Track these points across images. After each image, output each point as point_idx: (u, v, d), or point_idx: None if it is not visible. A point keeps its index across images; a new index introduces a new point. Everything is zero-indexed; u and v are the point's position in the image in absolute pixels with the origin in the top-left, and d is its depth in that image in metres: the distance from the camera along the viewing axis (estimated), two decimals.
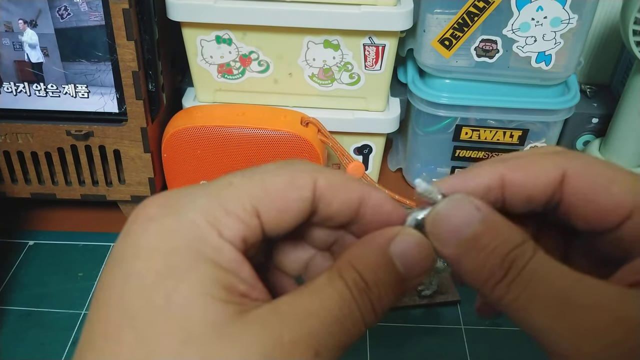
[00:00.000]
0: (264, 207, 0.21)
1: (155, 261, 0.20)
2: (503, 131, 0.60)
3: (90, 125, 0.51)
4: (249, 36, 0.54)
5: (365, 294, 0.21)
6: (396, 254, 0.22)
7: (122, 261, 0.20)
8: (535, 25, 0.54)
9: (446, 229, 0.22)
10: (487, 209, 0.22)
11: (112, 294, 0.20)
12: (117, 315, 0.19)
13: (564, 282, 0.21)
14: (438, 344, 0.47)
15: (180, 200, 0.21)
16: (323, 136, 0.55)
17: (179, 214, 0.20)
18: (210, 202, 0.21)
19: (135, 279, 0.20)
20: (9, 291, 0.50)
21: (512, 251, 0.21)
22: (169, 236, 0.20)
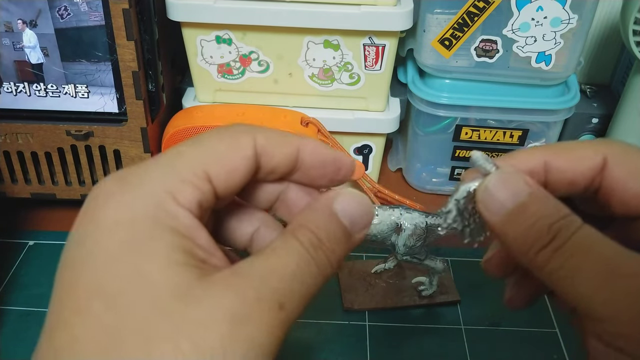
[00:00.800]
0: (214, 171, 0.22)
1: (118, 233, 0.20)
2: (503, 131, 0.60)
3: (90, 125, 0.51)
4: (249, 36, 0.54)
5: (319, 249, 0.22)
6: (340, 210, 0.24)
7: (85, 238, 0.21)
8: (535, 25, 0.54)
9: (496, 198, 0.24)
10: (535, 184, 0.24)
11: (77, 270, 0.20)
12: (85, 288, 0.20)
13: (610, 252, 0.22)
14: (438, 344, 0.47)
15: (136, 174, 0.22)
16: (323, 136, 0.55)
17: (136, 186, 0.21)
18: (165, 173, 0.22)
19: (101, 252, 0.20)
20: (9, 291, 0.50)
21: (559, 220, 0.23)
22: (128, 208, 0.21)
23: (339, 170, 0.27)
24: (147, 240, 0.20)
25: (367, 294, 0.50)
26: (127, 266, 0.20)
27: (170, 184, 0.21)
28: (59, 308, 0.20)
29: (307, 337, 0.47)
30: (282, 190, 0.27)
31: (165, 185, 0.21)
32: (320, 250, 0.23)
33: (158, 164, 0.22)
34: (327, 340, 0.47)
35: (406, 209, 0.34)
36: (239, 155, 0.23)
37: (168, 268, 0.20)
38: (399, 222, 0.33)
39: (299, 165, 0.26)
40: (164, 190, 0.21)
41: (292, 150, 0.25)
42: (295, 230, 0.23)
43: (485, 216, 0.25)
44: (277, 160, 0.25)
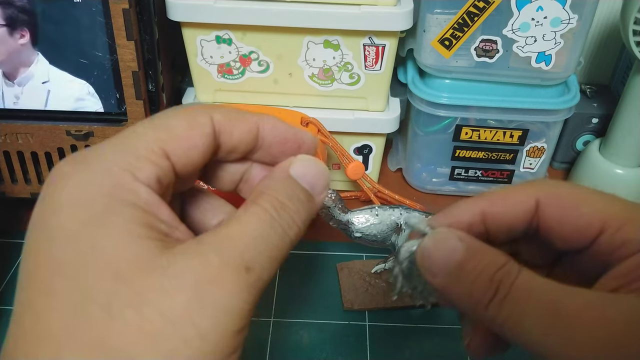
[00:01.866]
0: (171, 147, 0.22)
1: (76, 212, 0.20)
2: (503, 131, 0.60)
3: (90, 125, 0.51)
4: (249, 36, 0.54)
5: (283, 211, 0.23)
6: (297, 175, 0.25)
7: (44, 221, 0.21)
8: (535, 25, 0.54)
9: (434, 261, 0.25)
10: (469, 238, 0.25)
11: (38, 252, 0.20)
12: (47, 269, 0.20)
13: (551, 293, 0.22)
14: (438, 344, 0.47)
15: (91, 155, 0.22)
16: (323, 136, 0.55)
17: (92, 165, 0.21)
18: (121, 151, 0.22)
19: (59, 232, 0.20)
20: (9, 291, 0.50)
21: (498, 271, 0.23)
22: (86, 187, 0.21)
23: (299, 146, 0.27)
24: (105, 216, 0.20)
25: (367, 294, 0.50)
26: (86, 242, 0.20)
27: (127, 160, 0.21)
28: (24, 293, 0.21)
29: (307, 337, 0.47)
30: (246, 170, 0.27)
31: (122, 163, 0.21)
32: (284, 212, 0.23)
33: (113, 144, 0.22)
34: (327, 340, 0.47)
35: (406, 209, 0.34)
36: (197, 133, 0.23)
37: (129, 241, 0.20)
38: (399, 222, 0.33)
39: (260, 142, 0.26)
40: (121, 167, 0.21)
41: (251, 126, 0.25)
42: (257, 197, 0.23)
43: (428, 279, 0.25)
44: (237, 138, 0.25)
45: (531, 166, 0.63)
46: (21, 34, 0.48)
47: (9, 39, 0.48)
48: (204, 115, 0.24)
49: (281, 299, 0.50)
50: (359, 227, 0.33)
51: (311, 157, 0.26)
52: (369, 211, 0.34)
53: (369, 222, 0.33)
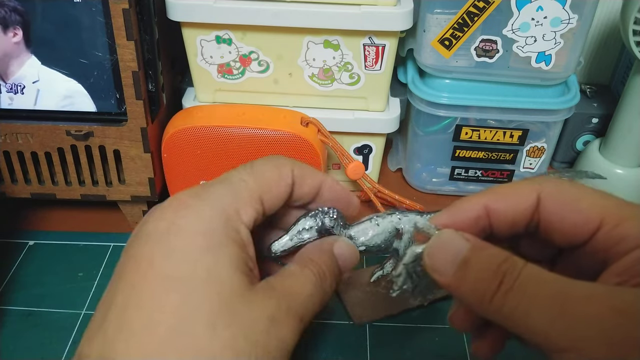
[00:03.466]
0: (265, 195, 0.29)
1: (197, 239, 0.25)
2: (503, 131, 0.60)
3: (90, 125, 0.51)
4: (249, 36, 0.54)
5: (324, 280, 0.29)
6: (338, 254, 0.32)
7: (161, 238, 0.25)
8: (535, 25, 0.54)
9: (441, 260, 0.26)
10: (473, 238, 0.26)
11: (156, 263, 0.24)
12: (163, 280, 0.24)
13: (557, 285, 0.23)
14: (438, 344, 0.47)
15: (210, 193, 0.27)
16: (323, 136, 0.55)
17: (212, 204, 0.26)
18: (231, 195, 0.27)
19: (180, 253, 0.25)
20: (9, 291, 0.50)
21: (502, 264, 0.24)
22: (206, 220, 0.26)
23: (347, 207, 0.34)
24: (219, 249, 0.25)
25: (372, 304, 0.49)
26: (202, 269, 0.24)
27: (238, 204, 0.27)
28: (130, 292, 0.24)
29: (307, 337, 0.47)
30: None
31: (233, 205, 0.27)
32: (325, 281, 0.29)
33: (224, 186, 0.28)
34: (327, 340, 0.47)
35: (402, 213, 0.35)
36: (283, 184, 0.30)
37: (232, 272, 0.25)
38: (399, 227, 0.34)
39: (319, 197, 0.32)
40: (233, 208, 0.27)
41: (318, 183, 0.32)
42: (308, 263, 0.30)
43: (436, 279, 0.27)
44: (306, 190, 0.31)
45: (531, 166, 0.63)
46: (14, 33, 0.48)
47: (2, 37, 0.48)
48: (288, 168, 0.30)
49: None
50: (363, 241, 0.34)
51: (349, 243, 0.33)
52: (368, 222, 0.34)
53: (370, 234, 0.34)
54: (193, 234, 0.25)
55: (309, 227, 0.33)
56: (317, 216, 0.33)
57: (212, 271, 0.24)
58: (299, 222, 0.33)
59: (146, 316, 0.23)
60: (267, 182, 0.29)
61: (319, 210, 0.33)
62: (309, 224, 0.33)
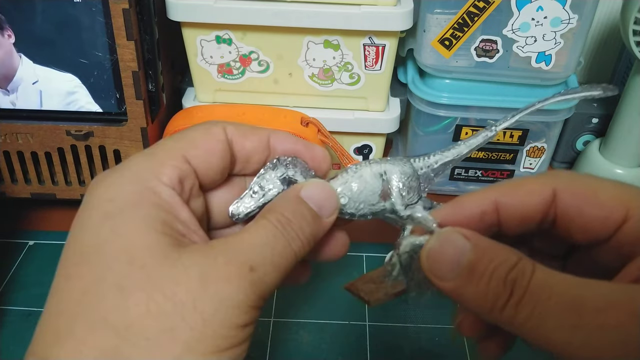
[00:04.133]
0: (190, 153, 0.26)
1: (101, 206, 0.23)
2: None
3: (90, 125, 0.51)
4: (249, 36, 0.54)
5: (287, 226, 0.25)
6: (306, 196, 0.27)
7: (77, 216, 0.24)
8: (535, 25, 0.54)
9: (442, 264, 0.24)
10: (476, 235, 0.24)
11: (68, 243, 0.23)
12: (71, 255, 0.23)
13: (572, 291, 0.21)
14: (438, 344, 0.47)
15: (124, 163, 0.25)
16: (323, 136, 0.55)
17: (123, 171, 0.24)
18: (148, 159, 0.25)
19: (85, 222, 0.23)
20: (9, 291, 0.50)
21: (511, 270, 0.22)
22: (114, 186, 0.24)
23: (312, 158, 0.29)
24: (127, 210, 0.23)
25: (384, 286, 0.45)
26: (107, 230, 0.22)
27: (153, 165, 0.24)
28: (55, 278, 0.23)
29: (307, 337, 0.47)
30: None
31: (149, 167, 0.24)
32: (289, 227, 0.25)
33: (142, 154, 0.25)
34: (327, 340, 0.47)
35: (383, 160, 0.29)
36: (212, 140, 0.27)
37: (146, 232, 0.22)
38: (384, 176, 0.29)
39: (272, 153, 0.29)
40: (147, 170, 0.24)
41: (262, 137, 0.28)
42: (265, 213, 0.25)
43: (437, 284, 0.24)
44: (249, 146, 0.28)
45: (531, 166, 0.63)
46: (8, 35, 0.48)
47: (1, 39, 0.48)
48: (218, 126, 0.27)
49: (281, 299, 0.50)
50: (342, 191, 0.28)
51: (321, 181, 0.28)
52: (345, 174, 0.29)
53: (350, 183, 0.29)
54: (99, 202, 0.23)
55: (271, 179, 0.28)
56: (277, 167, 0.28)
57: (116, 231, 0.22)
58: (257, 176, 0.29)
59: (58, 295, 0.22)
60: (192, 140, 0.26)
61: (276, 160, 0.29)
62: (269, 175, 0.28)
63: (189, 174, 0.25)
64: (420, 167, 0.31)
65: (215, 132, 0.27)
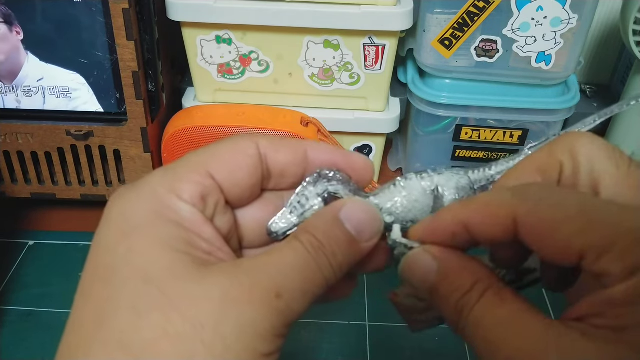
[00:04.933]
0: (214, 168, 0.24)
1: (118, 224, 0.22)
2: (503, 131, 0.60)
3: (90, 125, 0.51)
4: (249, 36, 0.54)
5: (320, 250, 0.23)
6: (345, 217, 0.24)
7: (95, 237, 0.22)
8: (535, 25, 0.54)
9: (414, 281, 0.25)
10: (445, 254, 0.24)
11: (87, 262, 0.22)
12: (88, 274, 0.22)
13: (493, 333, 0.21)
14: (438, 344, 0.47)
15: (143, 180, 0.23)
16: (323, 136, 0.55)
17: (141, 187, 0.23)
18: (167, 174, 0.23)
19: (102, 241, 0.22)
20: (9, 291, 0.50)
21: (460, 299, 0.23)
22: (130, 203, 0.23)
23: (353, 170, 0.26)
24: (145, 229, 0.21)
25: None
26: (123, 249, 0.21)
27: (172, 182, 0.23)
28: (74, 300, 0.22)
29: (307, 337, 0.47)
30: None
31: (167, 184, 0.23)
32: (321, 252, 0.23)
33: (162, 169, 0.24)
34: (327, 340, 0.47)
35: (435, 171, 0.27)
36: (241, 154, 0.25)
37: (163, 251, 0.21)
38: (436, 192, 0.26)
39: (310, 167, 0.26)
40: (166, 188, 0.23)
41: (297, 149, 0.26)
42: (299, 234, 0.24)
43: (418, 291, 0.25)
44: (283, 160, 0.26)
45: None
46: (16, 31, 0.48)
47: (9, 36, 0.48)
48: (248, 140, 0.25)
49: None
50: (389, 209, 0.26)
51: (363, 201, 0.26)
52: (393, 187, 0.26)
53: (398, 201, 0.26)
54: (116, 220, 0.22)
55: (311, 195, 0.26)
56: (318, 182, 0.26)
57: (131, 249, 0.21)
58: (297, 191, 0.26)
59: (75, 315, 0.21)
60: (216, 154, 0.24)
61: (317, 174, 0.26)
62: (310, 191, 0.26)
63: (212, 190, 0.24)
64: (479, 179, 0.29)
65: (244, 146, 0.25)
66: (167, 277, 0.20)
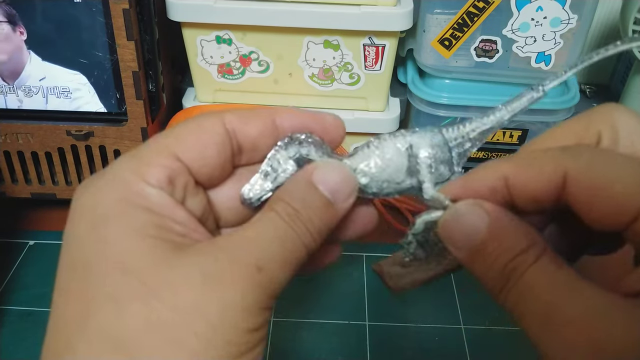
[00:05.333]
0: (180, 149, 0.23)
1: (86, 215, 0.21)
2: (503, 131, 0.60)
3: (90, 125, 0.51)
4: (249, 36, 0.54)
5: (296, 218, 0.22)
6: (318, 180, 0.24)
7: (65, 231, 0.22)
8: (535, 26, 0.54)
9: (458, 235, 0.23)
10: (495, 212, 0.23)
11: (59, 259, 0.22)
12: (63, 271, 0.21)
13: (551, 295, 0.20)
14: (438, 344, 0.47)
15: (108, 167, 0.23)
16: None
17: (107, 175, 0.22)
18: (132, 160, 0.23)
19: (72, 236, 0.21)
20: (9, 291, 0.50)
21: (513, 259, 0.21)
22: (98, 193, 0.22)
23: (325, 131, 0.26)
24: (115, 218, 0.21)
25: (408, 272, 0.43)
26: (95, 241, 0.21)
27: (138, 167, 0.22)
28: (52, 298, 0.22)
29: (307, 337, 0.47)
30: None
31: (133, 169, 0.22)
32: (297, 219, 0.22)
33: (127, 155, 0.23)
34: (327, 340, 0.47)
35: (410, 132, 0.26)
36: (207, 133, 0.24)
37: (138, 239, 0.20)
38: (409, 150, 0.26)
39: (281, 134, 0.25)
40: (132, 173, 0.22)
41: (266, 119, 0.25)
42: (272, 202, 0.23)
43: (452, 251, 0.24)
44: (254, 132, 0.25)
45: None
46: (19, 31, 0.48)
47: (13, 36, 0.48)
48: (213, 117, 0.24)
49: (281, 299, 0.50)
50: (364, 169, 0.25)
51: (336, 161, 0.25)
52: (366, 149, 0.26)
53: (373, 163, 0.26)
54: (83, 212, 0.21)
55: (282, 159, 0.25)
56: (289, 146, 0.25)
57: (108, 242, 0.20)
58: (268, 156, 0.25)
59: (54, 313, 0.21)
60: (180, 135, 0.23)
61: (289, 137, 0.25)
62: (281, 154, 0.25)
63: (180, 171, 0.23)
64: (454, 137, 0.28)
65: (209, 124, 0.24)
66: (144, 265, 0.20)
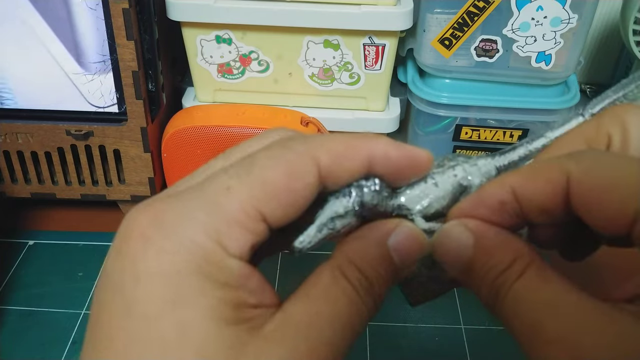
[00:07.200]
0: (268, 208, 0.20)
1: (157, 288, 0.18)
2: (503, 131, 0.60)
3: (90, 125, 0.51)
4: (249, 36, 0.54)
5: (369, 293, 0.21)
6: (393, 246, 0.22)
7: (122, 286, 0.19)
8: (535, 25, 0.54)
9: (447, 256, 0.23)
10: (481, 228, 0.22)
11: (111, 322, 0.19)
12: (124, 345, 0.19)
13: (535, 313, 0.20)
14: (438, 344, 0.47)
15: (175, 216, 0.19)
16: None
17: (177, 233, 0.19)
18: (210, 215, 0.19)
19: (139, 308, 0.19)
20: (9, 291, 0.50)
21: (498, 277, 0.21)
22: (169, 259, 0.19)
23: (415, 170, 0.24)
24: (192, 299, 0.18)
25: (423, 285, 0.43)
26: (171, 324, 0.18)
27: (217, 228, 0.19)
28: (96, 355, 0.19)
29: None
30: None
31: (211, 231, 0.19)
32: (369, 294, 0.21)
33: (200, 203, 0.20)
34: None
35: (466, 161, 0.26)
36: (299, 186, 0.20)
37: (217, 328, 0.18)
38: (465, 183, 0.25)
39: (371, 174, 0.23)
40: (210, 237, 0.19)
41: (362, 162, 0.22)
42: (344, 267, 0.21)
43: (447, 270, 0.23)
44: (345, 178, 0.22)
45: None
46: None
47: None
48: (307, 161, 0.20)
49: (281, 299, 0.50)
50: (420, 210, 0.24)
51: (413, 227, 0.23)
52: (423, 183, 0.25)
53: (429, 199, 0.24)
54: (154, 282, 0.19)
55: (343, 212, 0.23)
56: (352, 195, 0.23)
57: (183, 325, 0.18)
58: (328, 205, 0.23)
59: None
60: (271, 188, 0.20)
61: (352, 185, 0.23)
62: (342, 207, 0.23)
63: (263, 236, 0.20)
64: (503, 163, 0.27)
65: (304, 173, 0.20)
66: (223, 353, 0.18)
